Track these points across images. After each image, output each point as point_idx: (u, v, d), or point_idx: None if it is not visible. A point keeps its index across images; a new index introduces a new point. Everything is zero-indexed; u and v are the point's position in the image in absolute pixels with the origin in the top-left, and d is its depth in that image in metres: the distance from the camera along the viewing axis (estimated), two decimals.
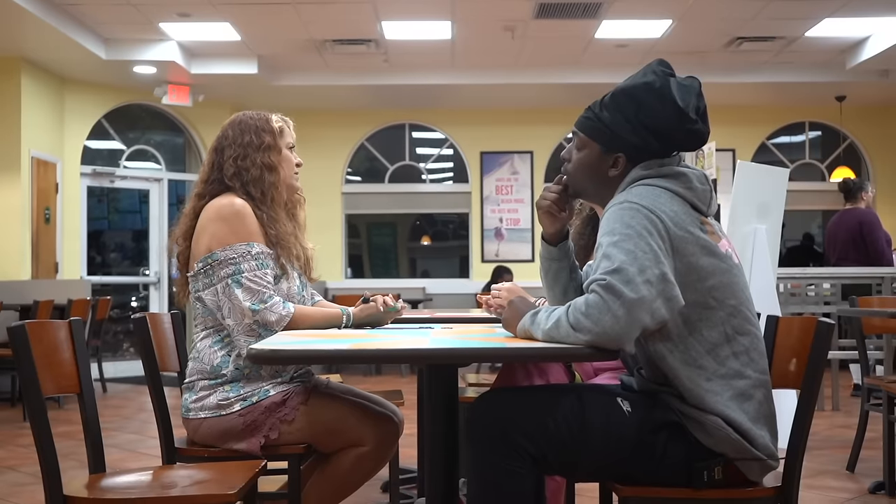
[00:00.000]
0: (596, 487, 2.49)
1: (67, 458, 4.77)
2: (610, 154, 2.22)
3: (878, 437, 4.37)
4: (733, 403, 2.06)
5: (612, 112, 2.22)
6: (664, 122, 2.18)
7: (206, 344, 2.72)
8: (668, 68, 2.26)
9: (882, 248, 7.37)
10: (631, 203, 2.07)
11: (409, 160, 11.99)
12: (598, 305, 1.93)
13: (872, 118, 11.54)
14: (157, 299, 10.78)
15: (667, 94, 2.18)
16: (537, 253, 2.61)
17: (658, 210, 2.06)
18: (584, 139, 2.27)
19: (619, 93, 2.24)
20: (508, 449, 2.04)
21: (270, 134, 2.82)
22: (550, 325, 2.00)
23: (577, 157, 2.28)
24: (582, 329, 1.94)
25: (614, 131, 2.21)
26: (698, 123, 2.21)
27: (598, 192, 2.28)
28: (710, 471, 2.07)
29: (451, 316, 3.47)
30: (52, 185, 9.49)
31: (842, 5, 7.97)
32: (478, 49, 9.42)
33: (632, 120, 2.19)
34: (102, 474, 2.30)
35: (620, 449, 2.08)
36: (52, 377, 2.21)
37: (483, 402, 2.16)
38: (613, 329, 1.92)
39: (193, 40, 9.00)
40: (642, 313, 1.94)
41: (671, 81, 2.21)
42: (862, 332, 4.54)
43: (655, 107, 2.18)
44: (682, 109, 2.17)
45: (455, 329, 2.67)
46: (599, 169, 2.24)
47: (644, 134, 2.18)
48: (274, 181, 2.79)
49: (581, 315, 1.94)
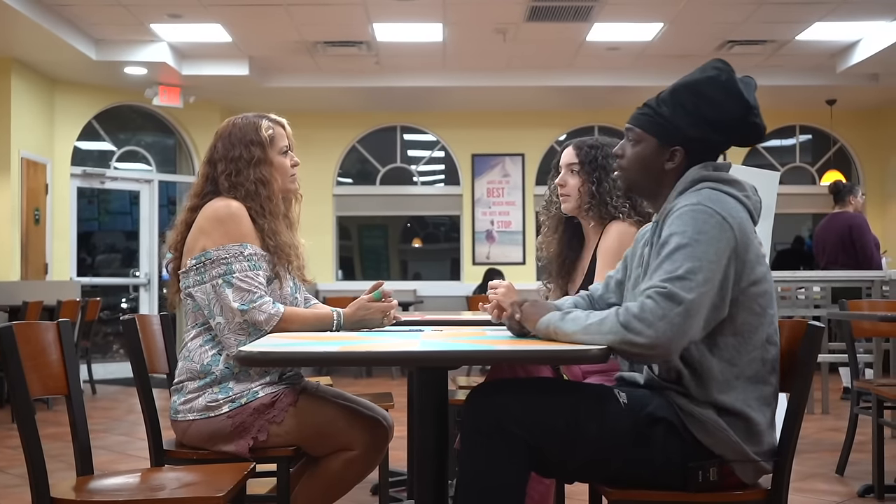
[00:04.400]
0: (585, 490, 2.49)
1: (55, 460, 4.76)
2: (667, 147, 2.24)
3: (867, 441, 4.39)
4: (756, 404, 2.10)
5: (671, 106, 2.23)
6: (728, 115, 2.21)
7: (197, 343, 2.71)
8: (728, 66, 2.26)
9: (871, 251, 7.39)
10: (705, 206, 2.08)
11: (401, 162, 11.98)
12: (655, 311, 1.95)
13: (862, 122, 11.58)
14: (146, 301, 10.75)
15: (732, 88, 2.21)
16: (528, 255, 2.61)
17: (729, 216, 2.08)
18: (640, 134, 2.27)
19: (679, 88, 2.25)
20: (502, 439, 2.04)
21: (259, 146, 2.78)
22: (592, 322, 2.01)
23: (632, 152, 2.28)
24: (633, 329, 1.95)
25: (673, 124, 2.22)
26: (760, 118, 2.25)
27: (651, 187, 2.29)
28: (705, 471, 2.07)
29: (442, 318, 3.46)
30: (42, 186, 9.45)
31: (832, 9, 8.00)
32: (469, 51, 9.43)
33: (692, 113, 2.21)
34: (90, 476, 2.29)
35: (615, 439, 2.07)
36: (40, 379, 2.20)
37: (478, 392, 2.16)
38: (666, 335, 1.94)
39: (184, 41, 8.98)
40: (696, 323, 1.98)
41: (735, 76, 2.24)
42: (851, 336, 4.56)
43: (720, 100, 2.21)
44: (748, 103, 2.21)
45: (445, 331, 2.67)
46: (656, 163, 2.25)
47: (704, 127, 2.21)
48: (269, 194, 2.78)
49: (634, 318, 1.96)
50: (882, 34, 8.60)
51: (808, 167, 11.84)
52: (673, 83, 2.28)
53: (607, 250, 2.91)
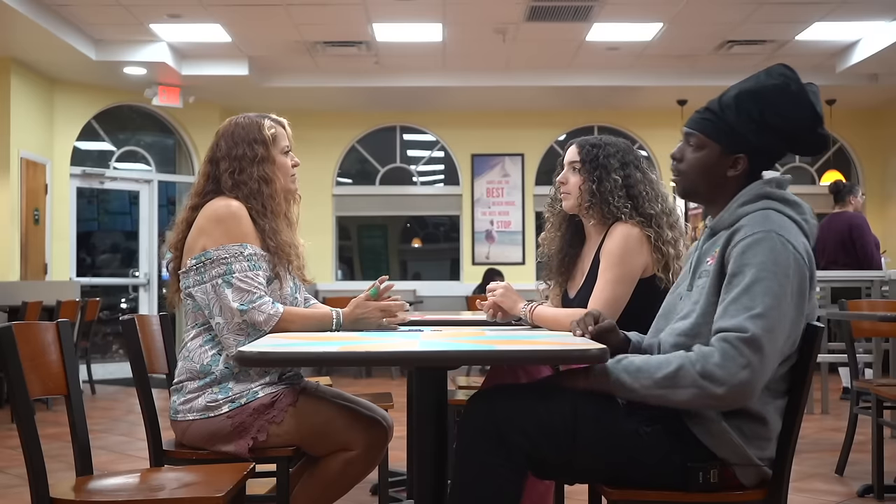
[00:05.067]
0: (585, 490, 2.49)
1: (55, 460, 4.75)
2: (730, 155, 2.21)
3: (866, 441, 4.38)
4: (772, 410, 2.11)
5: (736, 113, 2.19)
6: (796, 125, 2.19)
7: (197, 343, 2.71)
8: (795, 73, 2.23)
9: (871, 251, 7.38)
10: (780, 236, 2.06)
11: (400, 162, 11.98)
12: (736, 359, 1.94)
13: (862, 122, 11.58)
14: (146, 301, 10.75)
15: (804, 99, 2.18)
16: (528, 255, 2.61)
17: (799, 247, 2.08)
18: (703, 139, 2.23)
19: (744, 94, 2.20)
20: (502, 446, 2.03)
21: (263, 145, 2.78)
22: (666, 374, 1.99)
23: (694, 157, 2.24)
24: (715, 380, 1.94)
25: (739, 132, 2.19)
26: (825, 129, 2.23)
27: (711, 193, 2.26)
28: (706, 473, 2.06)
29: (442, 318, 3.46)
30: (42, 186, 9.45)
31: (832, 9, 8.00)
32: (469, 51, 9.43)
33: (758, 121, 2.17)
34: (90, 476, 2.29)
35: (614, 440, 2.07)
36: (40, 379, 2.20)
37: (477, 399, 2.16)
38: (750, 383, 1.95)
39: (184, 41, 8.98)
40: (775, 362, 1.99)
41: (807, 86, 2.21)
42: (851, 336, 4.56)
43: (789, 109, 2.17)
44: (819, 114, 2.18)
45: (445, 331, 2.67)
46: (718, 169, 2.22)
47: (771, 136, 2.18)
48: (271, 192, 2.78)
49: (715, 366, 1.95)
50: (882, 34, 8.60)
51: (808, 167, 11.83)
52: (735, 87, 2.23)
53: (611, 252, 2.91)
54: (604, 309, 2.82)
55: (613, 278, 2.87)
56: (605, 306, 2.82)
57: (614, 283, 2.87)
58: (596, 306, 2.84)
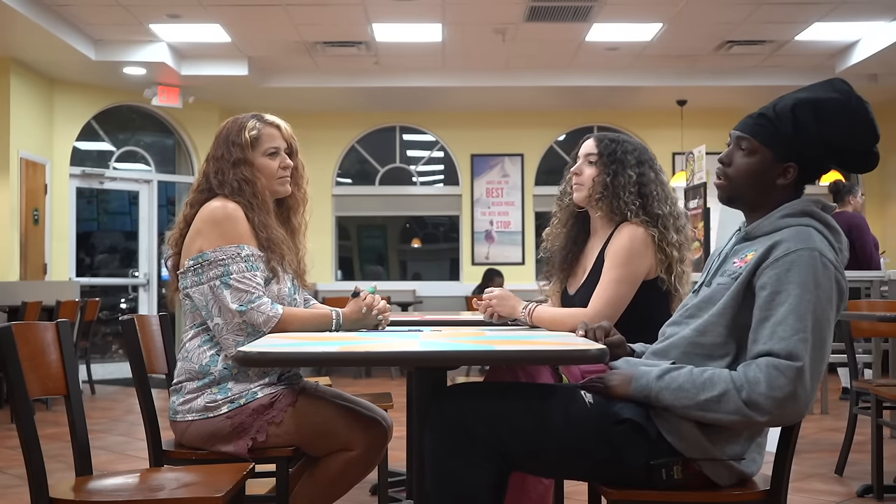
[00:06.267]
0: (585, 491, 2.49)
1: (55, 460, 4.75)
2: (781, 163, 2.18)
3: (866, 441, 4.39)
4: None
5: (793, 123, 2.16)
6: (852, 141, 2.17)
7: (196, 343, 2.71)
8: (851, 88, 2.22)
9: (870, 251, 7.38)
10: (824, 258, 2.05)
11: (400, 162, 11.98)
12: (784, 388, 1.95)
13: None
14: (146, 301, 10.75)
15: (864, 117, 2.18)
16: (528, 256, 2.61)
17: (839, 269, 2.08)
18: (756, 145, 2.19)
19: (802, 105, 2.17)
20: (470, 439, 2.04)
21: (239, 147, 2.80)
22: (709, 398, 2.00)
23: (743, 162, 2.20)
24: (759, 409, 1.96)
25: (793, 141, 2.16)
26: (878, 148, 2.22)
27: (756, 200, 2.22)
28: (668, 469, 2.06)
29: (441, 318, 3.46)
30: (41, 186, 9.45)
31: (831, 9, 8.00)
32: (468, 52, 9.43)
33: (813, 133, 2.15)
34: (89, 477, 2.29)
35: (581, 438, 2.08)
36: (39, 379, 2.20)
37: (446, 394, 2.18)
38: (795, 409, 1.97)
39: (183, 42, 8.98)
40: (817, 385, 2.01)
41: (866, 104, 2.20)
42: (850, 336, 4.56)
43: (847, 125, 2.16)
44: (877, 134, 2.18)
45: (444, 332, 2.67)
46: (767, 177, 2.19)
47: (822, 148, 2.16)
48: (253, 191, 2.79)
49: (761, 396, 1.96)
50: (881, 34, 8.61)
51: None
52: (790, 96, 2.20)
53: (616, 253, 2.91)
54: (605, 308, 2.83)
55: (617, 278, 2.88)
56: (606, 306, 2.84)
57: (618, 283, 2.87)
58: (597, 305, 2.85)
